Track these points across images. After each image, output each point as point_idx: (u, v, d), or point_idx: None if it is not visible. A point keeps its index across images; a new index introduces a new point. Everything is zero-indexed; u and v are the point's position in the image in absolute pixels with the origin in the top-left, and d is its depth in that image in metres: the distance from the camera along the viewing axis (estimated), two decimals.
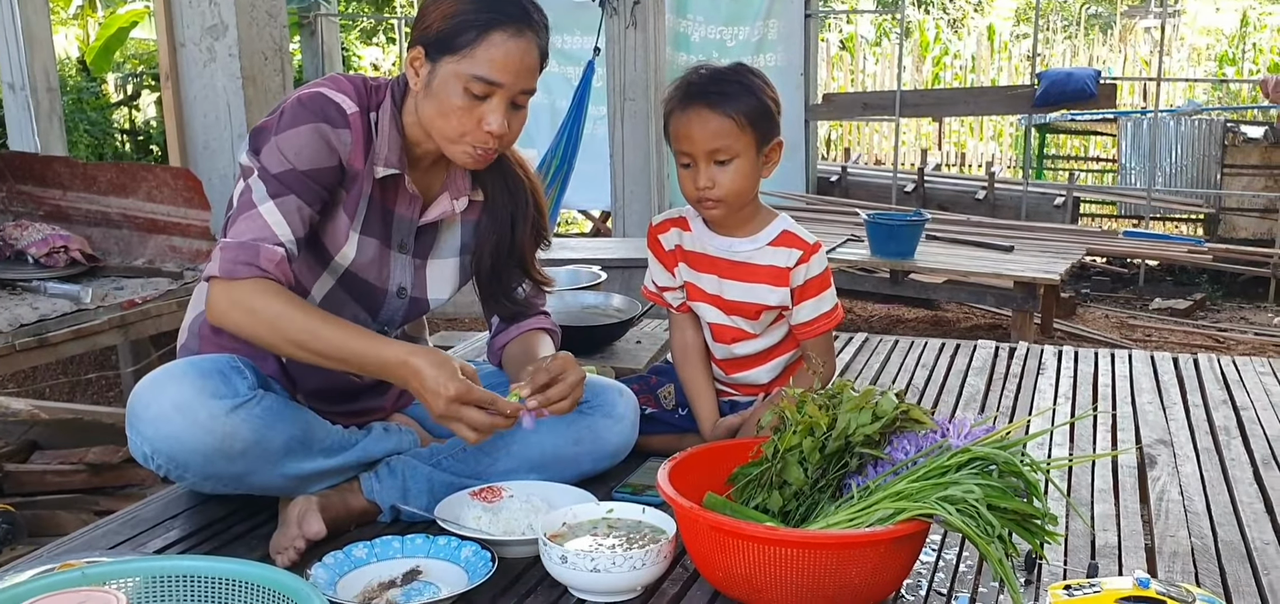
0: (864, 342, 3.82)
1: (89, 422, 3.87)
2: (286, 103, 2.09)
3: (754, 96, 2.33)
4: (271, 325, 1.97)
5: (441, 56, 2.05)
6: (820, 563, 1.73)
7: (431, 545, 1.99)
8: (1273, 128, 9.45)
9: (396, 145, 2.15)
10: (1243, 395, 3.17)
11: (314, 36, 9.55)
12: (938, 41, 15.54)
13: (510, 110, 2.09)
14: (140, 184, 4.42)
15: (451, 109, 2.05)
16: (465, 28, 2.03)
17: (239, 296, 1.98)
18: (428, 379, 1.95)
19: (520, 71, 2.06)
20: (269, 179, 2.02)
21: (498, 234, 2.33)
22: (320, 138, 2.05)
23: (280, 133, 2.04)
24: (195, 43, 4.45)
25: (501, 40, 2.03)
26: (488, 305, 2.45)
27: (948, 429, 1.88)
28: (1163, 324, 7.71)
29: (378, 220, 2.20)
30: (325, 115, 2.06)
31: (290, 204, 2.02)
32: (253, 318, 1.98)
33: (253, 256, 1.98)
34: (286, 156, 2.02)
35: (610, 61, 7.19)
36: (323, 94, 2.09)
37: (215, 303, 2.00)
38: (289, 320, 1.98)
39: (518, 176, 2.35)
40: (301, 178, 2.03)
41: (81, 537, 2.18)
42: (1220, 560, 2.08)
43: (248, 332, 2.00)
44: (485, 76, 2.03)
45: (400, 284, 2.28)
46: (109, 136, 9.37)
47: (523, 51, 2.06)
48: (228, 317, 1.99)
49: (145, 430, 1.97)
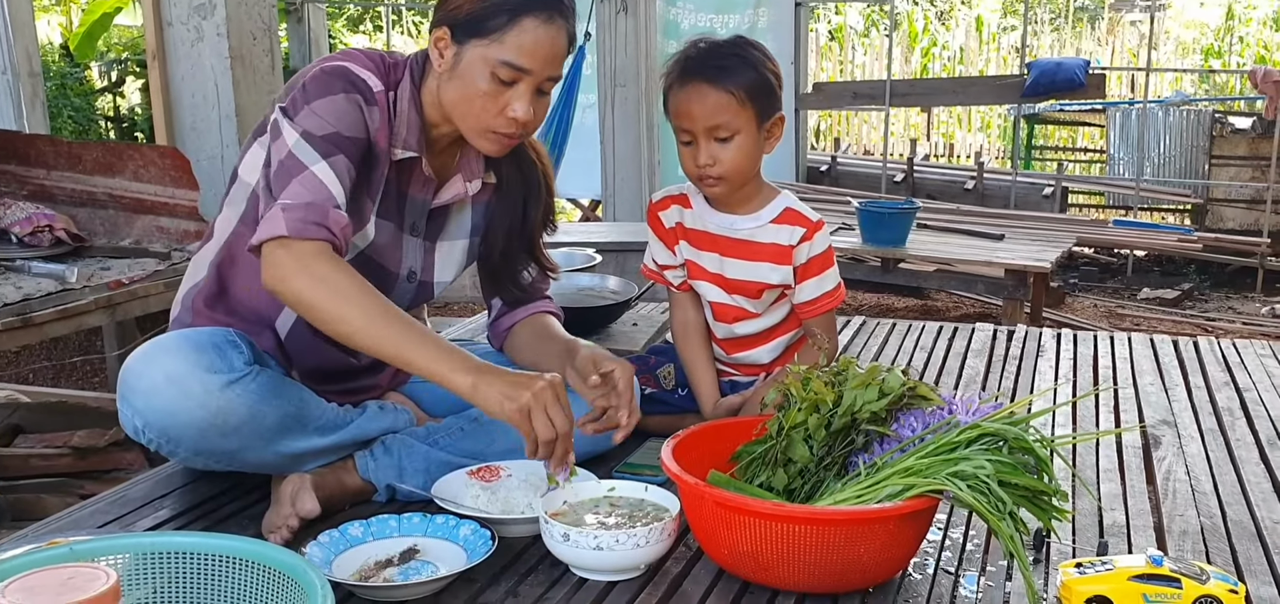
0: (861, 325, 3.79)
1: (74, 405, 3.82)
2: (308, 75, 2.02)
3: (754, 70, 2.28)
4: (338, 297, 1.86)
5: (469, 39, 1.99)
6: (829, 540, 1.70)
7: (429, 524, 1.95)
8: (1260, 119, 9.44)
9: (416, 128, 2.09)
10: (1244, 377, 3.15)
11: (301, 23, 9.47)
12: (926, 32, 15.51)
13: (536, 97, 2.04)
14: (127, 163, 4.36)
15: (477, 93, 2.00)
16: (496, 11, 1.97)
17: (308, 262, 1.87)
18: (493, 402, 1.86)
19: (549, 58, 2.01)
20: (316, 140, 1.94)
21: (510, 218, 2.30)
22: (356, 108, 1.99)
23: (314, 99, 1.97)
24: (183, 22, 4.40)
25: (533, 26, 1.98)
26: (491, 289, 2.41)
27: (955, 406, 1.85)
28: (1151, 313, 7.71)
29: (393, 203, 2.15)
30: (357, 88, 2.00)
31: (341, 165, 1.95)
32: (319, 287, 1.87)
33: (322, 217, 1.90)
34: (328, 120, 1.95)
35: (600, 47, 7.15)
36: (350, 69, 2.02)
37: (278, 265, 1.88)
38: (358, 300, 1.87)
39: (532, 160, 2.31)
40: (347, 142, 1.97)
41: (67, 516, 2.14)
42: (1230, 539, 2.06)
43: (308, 301, 1.88)
44: (514, 63, 1.98)
45: (411, 268, 2.24)
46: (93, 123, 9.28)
47: (553, 38, 2.00)
48: (291, 281, 1.87)
49: (137, 403, 1.92)
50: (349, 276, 1.89)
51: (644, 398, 2.45)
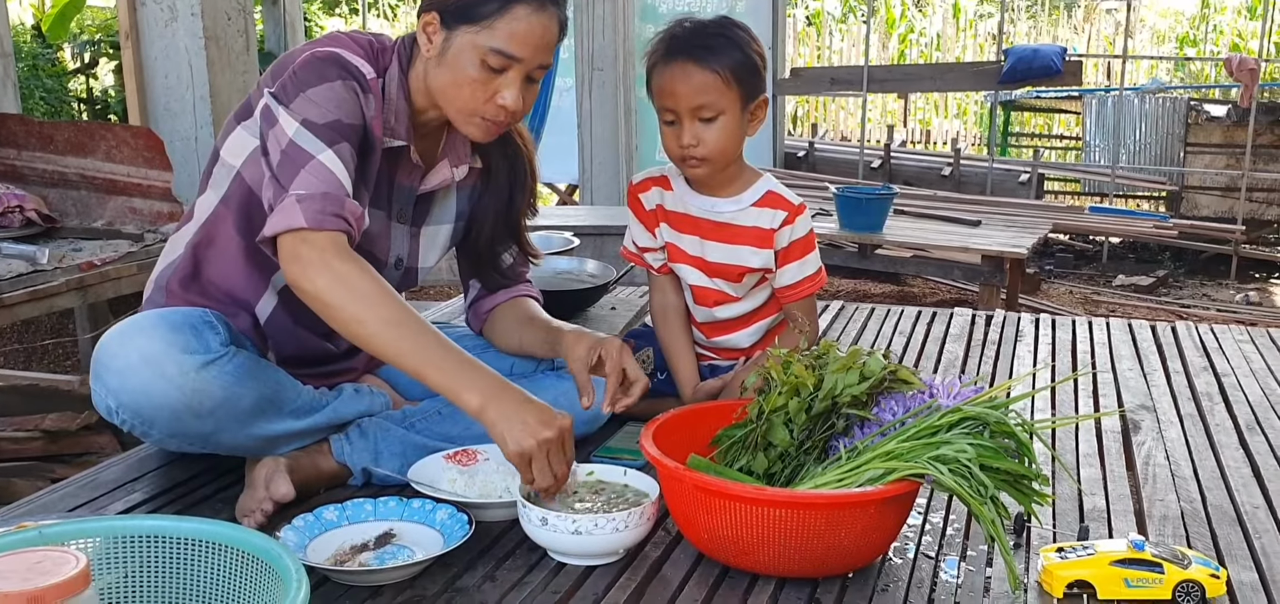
0: (840, 309, 3.78)
1: (45, 388, 3.77)
2: (297, 61, 1.95)
3: (740, 51, 2.26)
4: (358, 299, 1.82)
5: (459, 25, 1.95)
6: (810, 524, 1.68)
7: (405, 508, 1.92)
8: (1235, 107, 9.50)
9: (404, 115, 2.06)
10: (1222, 362, 3.15)
11: (276, 6, 9.37)
12: (903, 18, 15.55)
13: (525, 85, 2.00)
14: (99, 144, 4.31)
15: (466, 80, 1.96)
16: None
17: (328, 257, 1.82)
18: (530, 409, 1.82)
19: (541, 46, 1.97)
20: (319, 129, 1.89)
21: (497, 205, 2.27)
22: (354, 95, 1.95)
23: (310, 87, 1.92)
24: (156, 2, 4.35)
25: (525, 14, 1.94)
26: (471, 273, 2.38)
27: (936, 389, 1.84)
28: (1126, 300, 7.75)
29: (383, 191, 2.12)
30: (353, 75, 1.96)
31: (346, 153, 1.91)
32: (339, 286, 1.82)
33: (339, 208, 1.86)
34: (328, 108, 1.91)
35: (578, 31, 7.12)
36: (343, 57, 1.98)
37: (299, 259, 1.83)
38: (378, 304, 1.82)
39: (517, 145, 2.28)
40: (348, 129, 1.93)
41: (38, 500, 2.10)
42: (1211, 523, 2.05)
43: (328, 299, 1.83)
44: (505, 51, 1.94)
45: (398, 255, 2.21)
46: (65, 104, 9.18)
47: (545, 26, 1.97)
48: (314, 277, 1.83)
49: (110, 383, 1.89)
50: (370, 277, 1.85)
51: None
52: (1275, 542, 1.98)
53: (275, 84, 1.94)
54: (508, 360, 2.35)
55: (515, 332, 2.33)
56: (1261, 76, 9.14)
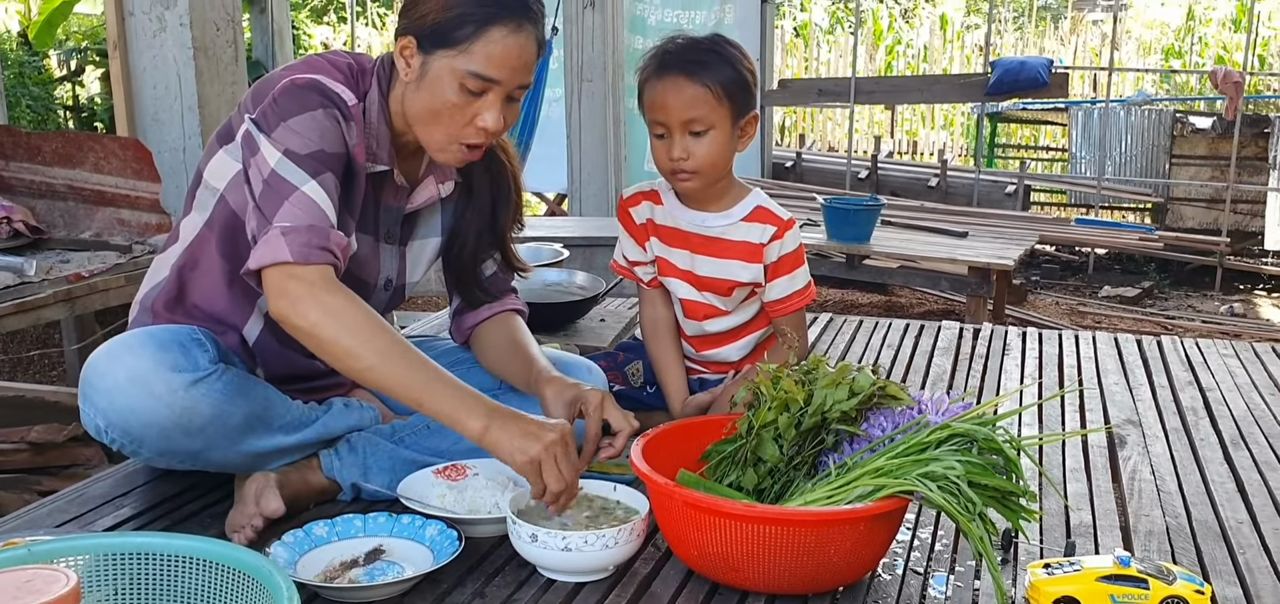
0: (828, 321, 3.79)
1: (32, 399, 3.75)
2: (277, 87, 1.94)
3: (731, 68, 2.28)
4: (350, 332, 1.82)
5: (436, 49, 1.94)
6: (800, 541, 1.69)
7: (395, 524, 1.93)
8: (1220, 119, 9.54)
9: (386, 139, 2.05)
10: (1207, 377, 3.17)
11: (264, 14, 9.35)
12: (891, 30, 15.59)
13: (505, 105, 1.99)
14: (87, 155, 4.30)
15: (445, 105, 1.95)
16: (464, 21, 1.91)
17: (318, 291, 1.82)
18: (529, 421, 1.83)
19: (518, 67, 1.96)
20: (301, 159, 1.88)
21: (480, 220, 2.27)
22: (335, 123, 1.94)
23: (291, 116, 1.90)
24: (145, 12, 4.34)
25: (501, 35, 1.92)
26: (456, 287, 2.38)
27: (925, 406, 1.85)
28: (1112, 311, 7.78)
29: (370, 215, 2.12)
30: (335, 103, 1.95)
31: (329, 183, 1.90)
32: (331, 321, 1.82)
33: (324, 240, 1.85)
34: (310, 138, 1.89)
35: (568, 42, 7.13)
36: (324, 84, 1.95)
37: (287, 294, 1.83)
38: (371, 337, 1.83)
39: (501, 161, 2.27)
40: (331, 158, 1.91)
41: (25, 515, 2.09)
42: (1196, 539, 2.07)
43: (320, 335, 1.83)
44: (483, 73, 1.92)
45: (387, 277, 2.21)
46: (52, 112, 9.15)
47: (522, 46, 1.95)
48: (305, 313, 1.82)
49: (99, 402, 1.88)
50: (360, 310, 1.85)
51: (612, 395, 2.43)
52: (1259, 557, 1.99)
53: (256, 110, 1.93)
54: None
55: (497, 357, 2.31)
56: (1246, 89, 9.18)
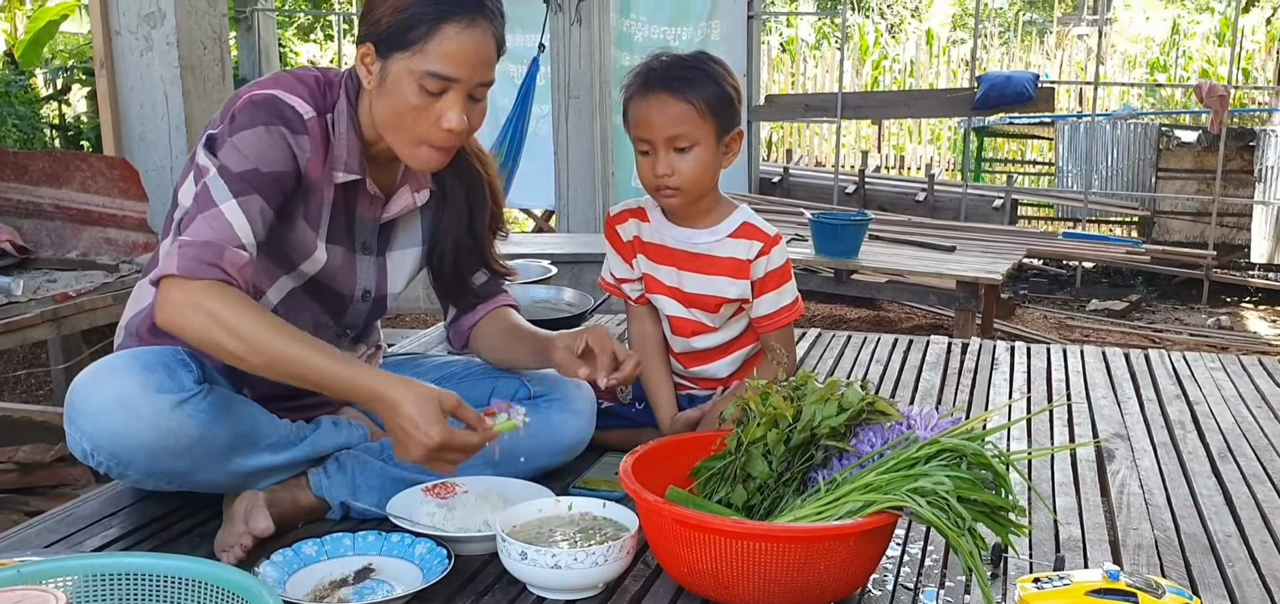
0: (817, 337, 3.80)
1: (19, 419, 3.73)
2: (237, 104, 1.97)
3: (716, 84, 2.29)
4: (233, 334, 1.82)
5: (392, 52, 1.95)
6: (790, 557, 1.69)
7: (384, 542, 1.92)
8: (1205, 132, 9.60)
9: (355, 149, 2.06)
10: (1195, 390, 3.18)
11: (251, 32, 9.37)
12: (877, 45, 15.64)
13: (468, 104, 1.99)
14: (74, 174, 4.30)
15: (407, 108, 1.95)
16: (416, 21, 1.92)
17: (199, 299, 1.83)
18: (407, 418, 1.83)
19: (476, 64, 1.96)
20: (231, 177, 1.90)
21: (457, 227, 2.27)
22: (282, 141, 1.94)
23: (237, 133, 1.92)
24: (131, 31, 4.34)
25: (455, 33, 1.93)
26: (445, 297, 2.39)
27: (914, 421, 1.85)
28: (1100, 325, 7.80)
29: (342, 225, 2.11)
30: (284, 119, 1.95)
31: (254, 204, 1.90)
32: (212, 324, 1.82)
33: (216, 257, 1.85)
34: (248, 156, 1.91)
35: (555, 59, 7.14)
36: (278, 97, 1.97)
37: (170, 303, 1.84)
38: (254, 332, 1.83)
39: (474, 168, 2.28)
40: (264, 178, 1.92)
41: (13, 536, 2.09)
42: (1184, 552, 2.07)
43: (203, 338, 1.84)
44: (440, 72, 1.93)
45: (365, 287, 2.21)
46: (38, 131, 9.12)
47: (478, 42, 1.96)
48: (184, 320, 1.83)
49: (85, 426, 1.88)
50: (247, 310, 1.85)
51: (601, 411, 2.44)
52: (1248, 569, 2.00)
53: (218, 127, 1.97)
54: (486, 389, 2.34)
55: (500, 345, 2.34)
56: (1230, 102, 9.23)
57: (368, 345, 2.38)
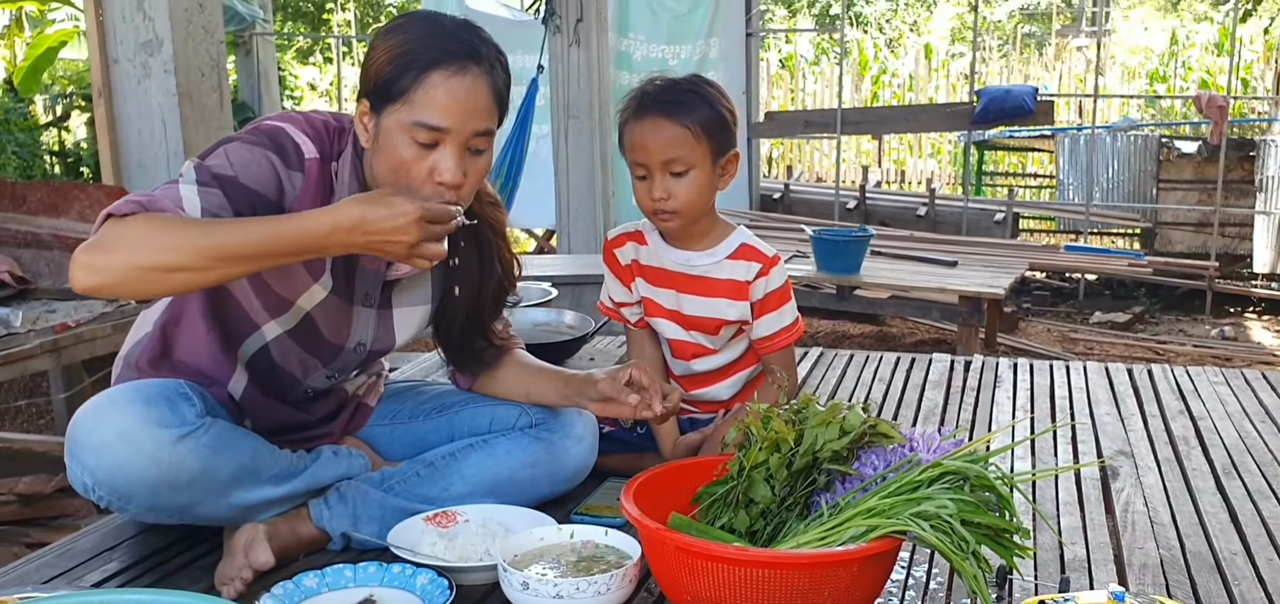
0: (819, 356, 3.79)
1: (19, 450, 3.73)
2: (251, 127, 1.97)
3: (710, 107, 2.28)
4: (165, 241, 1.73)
5: (384, 106, 1.90)
6: (793, 584, 1.67)
7: (385, 573, 1.91)
8: (1205, 143, 9.60)
9: None
10: (1198, 405, 3.17)
11: (249, 56, 9.39)
12: (876, 60, 15.67)
13: (467, 156, 1.93)
14: (72, 204, 4.30)
15: (400, 163, 1.90)
16: (403, 71, 1.87)
17: (118, 231, 1.74)
18: (375, 216, 1.77)
19: (468, 112, 1.89)
20: (204, 172, 1.87)
21: (468, 296, 2.22)
22: (270, 166, 1.91)
23: (231, 145, 1.92)
24: (129, 58, 4.34)
25: (442, 80, 1.87)
26: (453, 359, 2.35)
27: (917, 443, 1.84)
28: (1103, 337, 7.79)
29: (341, 276, 2.08)
30: (281, 149, 1.93)
31: (214, 198, 1.85)
32: (138, 248, 1.72)
33: (150, 203, 1.79)
34: (231, 163, 1.89)
35: (554, 79, 7.14)
36: (283, 129, 1.96)
37: (96, 243, 1.74)
38: (183, 229, 1.75)
39: (488, 237, 2.20)
40: (237, 186, 1.87)
41: (13, 571, 2.07)
42: (1190, 571, 2.06)
43: (127, 265, 1.73)
44: (428, 122, 1.87)
45: (360, 340, 2.17)
46: (38, 158, 9.14)
47: (468, 89, 1.89)
48: (104, 256, 1.73)
49: (86, 460, 1.87)
50: (173, 221, 1.77)
51: (603, 436, 2.43)
52: (1254, 588, 1.98)
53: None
54: (486, 417, 2.33)
55: (519, 380, 2.32)
56: (1230, 113, 9.24)
57: (369, 375, 2.37)
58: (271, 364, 2.11)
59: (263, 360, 2.10)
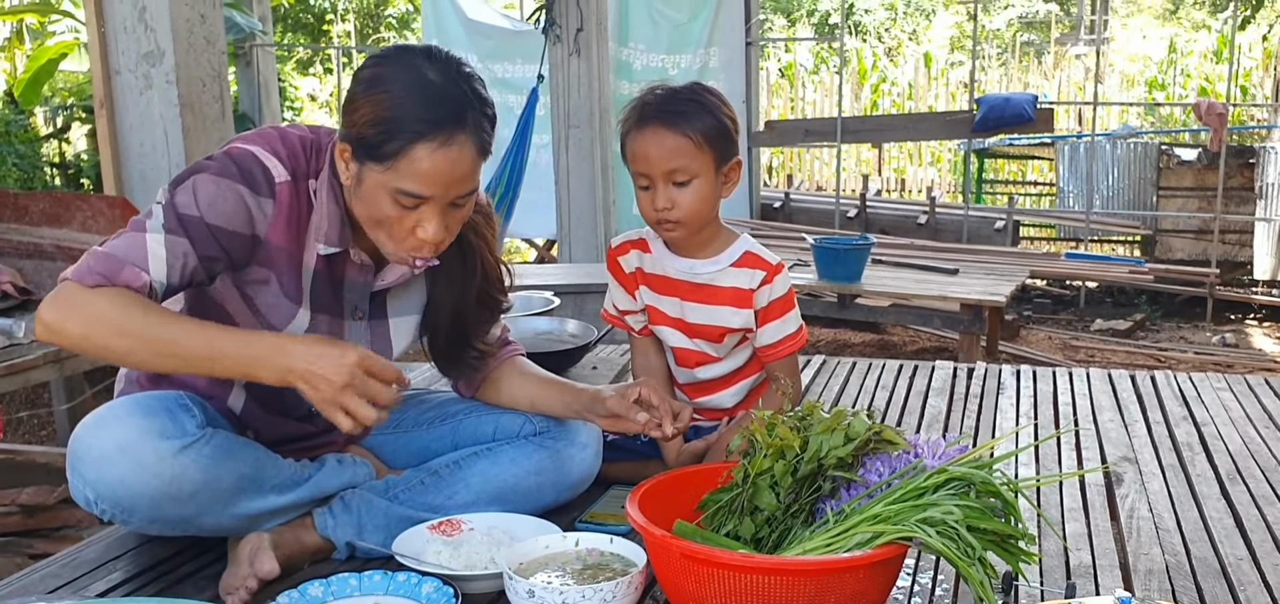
0: (822, 364, 3.79)
1: (22, 461, 3.73)
2: (223, 150, 1.96)
3: (711, 116, 2.28)
4: (119, 323, 1.77)
5: (366, 161, 1.88)
6: (799, 590, 1.67)
7: (390, 582, 1.91)
8: (1205, 150, 9.61)
9: (335, 219, 1.99)
10: (1202, 411, 3.17)
11: (250, 67, 9.40)
12: (875, 69, 15.67)
13: (448, 212, 1.93)
14: (74, 214, 4.30)
15: (382, 216, 1.91)
16: (390, 136, 1.84)
17: (81, 300, 1.78)
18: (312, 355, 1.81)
19: (451, 181, 1.89)
20: (171, 215, 1.86)
21: (453, 298, 2.21)
22: (239, 200, 1.90)
23: (200, 176, 1.90)
24: (131, 70, 4.34)
25: (427, 153, 1.84)
26: (446, 369, 2.34)
27: (921, 450, 1.84)
28: (1105, 344, 7.79)
29: (326, 293, 2.07)
30: (250, 177, 1.91)
31: (179, 246, 1.85)
32: (93, 323, 1.78)
33: (112, 271, 1.81)
34: (198, 202, 1.87)
35: (554, 89, 7.15)
36: (254, 154, 1.93)
37: (53, 303, 1.80)
38: (137, 317, 1.78)
39: (470, 239, 2.18)
40: (203, 228, 1.87)
41: (17, 581, 2.07)
42: (1196, 577, 2.06)
43: (83, 337, 1.79)
44: (412, 192, 1.87)
45: None
46: (38, 170, 9.14)
47: (453, 161, 1.87)
48: (62, 321, 1.79)
49: (88, 474, 1.86)
50: (131, 303, 1.80)
51: (607, 444, 2.43)
52: (1260, 593, 1.98)
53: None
54: (490, 425, 2.33)
55: (524, 389, 2.32)
56: (1229, 120, 9.25)
57: None
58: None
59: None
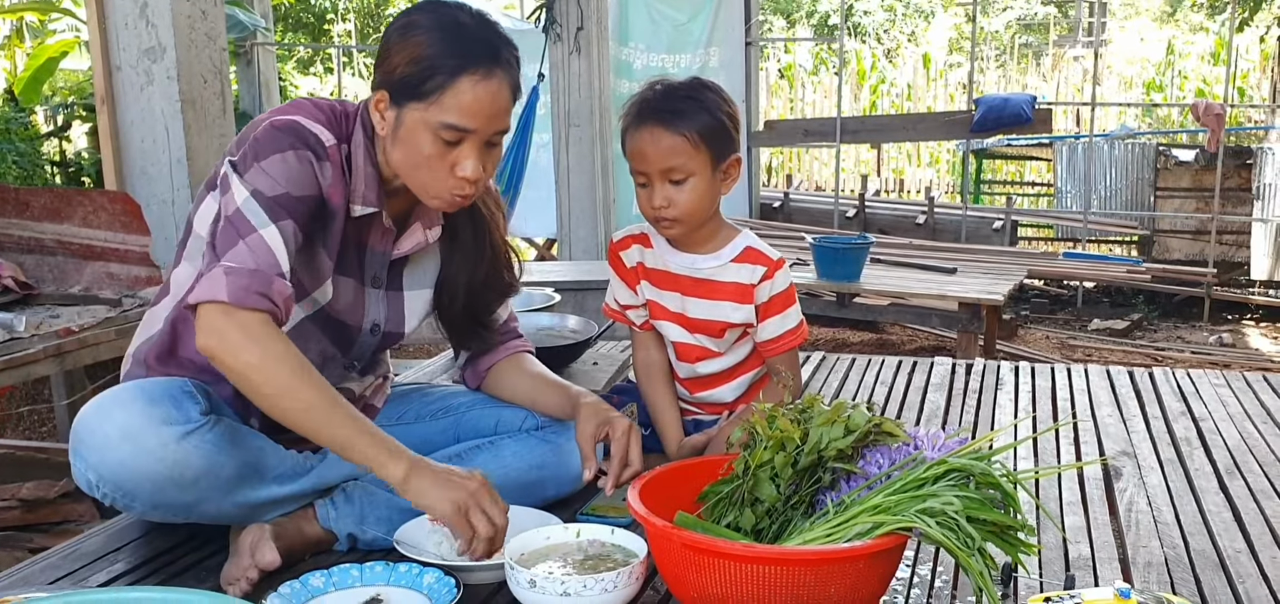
0: (821, 360, 3.80)
1: (22, 456, 3.73)
2: (258, 129, 1.97)
3: (709, 114, 2.28)
4: (280, 378, 1.84)
5: (407, 102, 1.94)
6: (799, 580, 1.68)
7: (392, 573, 1.92)
8: (1202, 151, 9.61)
9: (373, 182, 2.05)
10: (1200, 407, 3.18)
11: (251, 66, 9.40)
12: (874, 69, 15.68)
13: (484, 150, 1.99)
14: (76, 209, 4.30)
15: (422, 158, 1.96)
16: (432, 73, 1.92)
17: (253, 332, 1.83)
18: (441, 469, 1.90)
19: (492, 115, 1.96)
20: (266, 202, 1.89)
21: (468, 269, 2.26)
22: (308, 166, 1.95)
23: (265, 157, 1.92)
24: (132, 66, 4.34)
25: (471, 85, 1.92)
26: (457, 340, 2.38)
27: (921, 442, 1.84)
28: (1102, 344, 7.80)
29: (352, 257, 2.11)
30: (308, 144, 1.96)
31: (288, 230, 1.90)
32: (266, 364, 1.83)
33: (266, 286, 1.85)
34: (278, 180, 1.91)
35: (554, 87, 7.16)
36: (301, 124, 1.97)
37: (218, 331, 1.83)
38: (299, 385, 1.85)
39: (481, 213, 2.26)
40: (296, 203, 1.92)
41: (17, 572, 2.08)
42: (1194, 569, 2.07)
43: (249, 377, 1.84)
44: (456, 124, 1.93)
45: (374, 321, 2.21)
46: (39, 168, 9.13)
47: (494, 93, 1.95)
48: (236, 352, 1.83)
49: (90, 458, 1.87)
50: (291, 357, 1.86)
51: None
52: (1259, 586, 1.99)
53: (238, 152, 1.96)
54: (492, 418, 2.34)
55: (525, 387, 2.36)
56: (1227, 121, 9.25)
57: (376, 376, 2.37)
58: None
59: None
